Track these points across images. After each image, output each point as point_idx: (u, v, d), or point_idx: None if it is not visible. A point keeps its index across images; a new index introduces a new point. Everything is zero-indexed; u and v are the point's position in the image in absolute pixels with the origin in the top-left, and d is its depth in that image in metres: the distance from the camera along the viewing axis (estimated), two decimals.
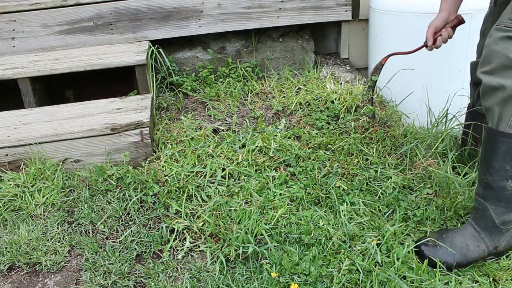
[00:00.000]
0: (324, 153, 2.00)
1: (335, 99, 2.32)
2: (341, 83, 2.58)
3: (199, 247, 1.61)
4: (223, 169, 1.87)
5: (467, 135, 2.04)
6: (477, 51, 1.90)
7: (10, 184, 1.84)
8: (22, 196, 1.80)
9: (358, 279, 1.45)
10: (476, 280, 1.49)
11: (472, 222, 1.51)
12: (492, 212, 1.44)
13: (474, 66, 1.90)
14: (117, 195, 1.79)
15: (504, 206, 1.42)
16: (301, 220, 1.66)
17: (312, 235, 1.59)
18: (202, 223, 1.66)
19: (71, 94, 2.54)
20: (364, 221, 1.66)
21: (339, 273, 1.46)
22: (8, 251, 1.60)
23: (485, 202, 1.45)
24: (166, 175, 1.85)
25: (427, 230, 1.64)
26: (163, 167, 1.90)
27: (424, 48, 1.85)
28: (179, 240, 1.64)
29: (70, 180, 1.88)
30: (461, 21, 1.83)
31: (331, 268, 1.48)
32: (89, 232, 1.68)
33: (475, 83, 1.93)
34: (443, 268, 1.49)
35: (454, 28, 1.83)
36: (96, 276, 1.52)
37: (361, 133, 2.11)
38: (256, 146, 1.97)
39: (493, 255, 1.51)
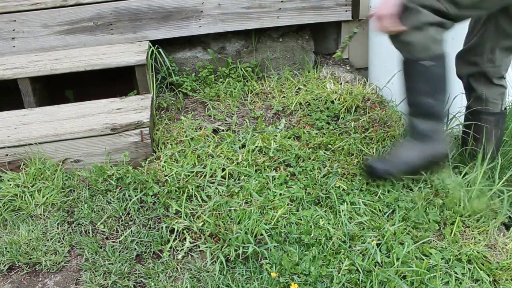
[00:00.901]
0: (324, 153, 2.00)
1: (335, 99, 2.32)
2: (341, 83, 2.58)
3: (199, 247, 1.61)
4: (223, 169, 1.87)
5: (467, 135, 2.04)
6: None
7: (10, 184, 1.84)
8: (22, 196, 1.80)
9: (358, 279, 1.45)
10: (476, 279, 1.49)
11: (406, 138, 1.79)
12: (415, 122, 1.72)
13: (457, 58, 1.98)
14: (117, 195, 1.79)
15: (422, 117, 1.71)
16: (301, 220, 1.66)
17: (312, 235, 1.59)
18: (202, 223, 1.66)
19: (71, 94, 2.54)
20: (364, 220, 1.66)
21: (339, 273, 1.46)
22: (8, 251, 1.60)
23: (410, 116, 1.76)
24: (166, 175, 1.85)
25: (426, 229, 1.64)
26: (163, 167, 1.90)
27: None
28: (179, 240, 1.64)
29: (70, 180, 1.88)
30: None
31: (331, 268, 1.48)
32: (89, 232, 1.68)
33: (459, 76, 2.00)
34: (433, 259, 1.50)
35: None
36: (96, 276, 1.52)
37: (361, 133, 2.11)
38: (256, 146, 1.97)
39: (423, 161, 1.73)
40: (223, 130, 2.15)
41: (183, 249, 1.60)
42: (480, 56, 1.95)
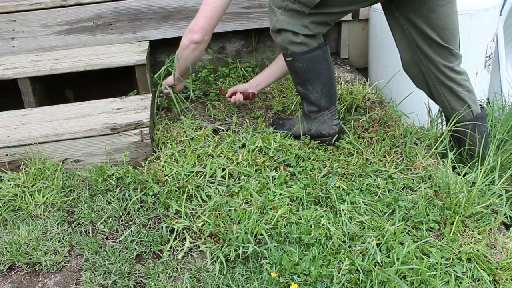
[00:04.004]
0: (324, 153, 2.00)
1: None
2: (341, 83, 2.58)
3: (199, 247, 1.61)
4: (223, 169, 1.87)
5: (454, 137, 2.07)
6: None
7: (10, 184, 1.84)
8: (22, 196, 1.80)
9: (358, 279, 1.45)
10: (476, 278, 1.49)
11: (299, 114, 2.18)
12: (303, 103, 2.06)
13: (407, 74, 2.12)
14: (117, 195, 1.79)
15: (304, 100, 2.04)
16: (301, 220, 1.66)
17: (312, 235, 1.59)
18: (202, 223, 1.66)
19: (71, 94, 2.54)
20: (364, 220, 1.66)
21: (339, 273, 1.46)
22: (8, 251, 1.60)
23: (300, 98, 2.07)
24: (166, 175, 1.86)
25: (426, 229, 1.64)
26: (163, 167, 1.90)
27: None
28: (179, 240, 1.64)
29: (70, 180, 1.88)
30: (250, 98, 2.28)
31: (331, 268, 1.48)
32: (89, 232, 1.68)
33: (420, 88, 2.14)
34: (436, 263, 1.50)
35: (245, 98, 2.28)
36: (96, 276, 1.52)
37: (361, 133, 2.11)
38: (256, 146, 1.97)
39: (308, 134, 2.06)
40: (223, 130, 2.15)
41: (183, 249, 1.60)
42: (419, 63, 2.01)
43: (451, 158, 1.94)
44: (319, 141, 2.05)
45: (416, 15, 1.88)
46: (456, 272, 1.50)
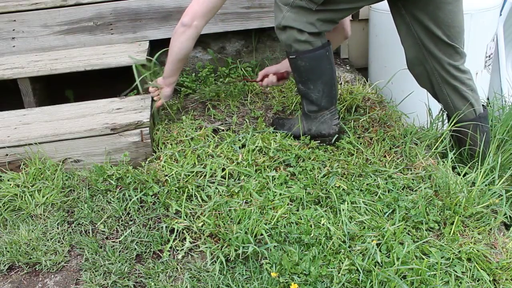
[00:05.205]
0: (324, 153, 2.00)
1: None
2: (341, 83, 2.58)
3: (199, 247, 1.61)
4: (223, 169, 1.87)
5: (454, 137, 2.07)
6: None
7: (10, 184, 1.84)
8: (22, 196, 1.80)
9: (358, 279, 1.45)
10: (476, 278, 1.49)
11: (299, 114, 2.16)
12: (303, 102, 2.05)
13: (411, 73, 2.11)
14: (117, 195, 1.79)
15: (305, 100, 2.04)
16: (301, 219, 1.66)
17: (312, 235, 1.59)
18: (202, 223, 1.66)
19: (71, 94, 2.54)
20: (365, 220, 1.66)
21: (339, 273, 1.46)
22: (8, 251, 1.60)
23: (301, 96, 2.07)
24: (166, 175, 1.86)
25: (426, 229, 1.64)
26: (163, 167, 1.90)
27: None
28: (179, 240, 1.64)
29: (70, 180, 1.88)
30: (285, 77, 2.27)
31: (331, 268, 1.48)
32: (89, 232, 1.68)
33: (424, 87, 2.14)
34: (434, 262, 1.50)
35: (278, 79, 2.26)
36: (96, 276, 1.52)
37: (361, 133, 2.11)
38: (256, 146, 1.97)
39: (308, 134, 2.06)
40: (223, 130, 2.15)
41: (183, 249, 1.60)
42: (424, 61, 2.01)
43: (451, 158, 1.94)
44: (319, 141, 2.04)
45: (422, 12, 1.88)
46: (456, 272, 1.50)
